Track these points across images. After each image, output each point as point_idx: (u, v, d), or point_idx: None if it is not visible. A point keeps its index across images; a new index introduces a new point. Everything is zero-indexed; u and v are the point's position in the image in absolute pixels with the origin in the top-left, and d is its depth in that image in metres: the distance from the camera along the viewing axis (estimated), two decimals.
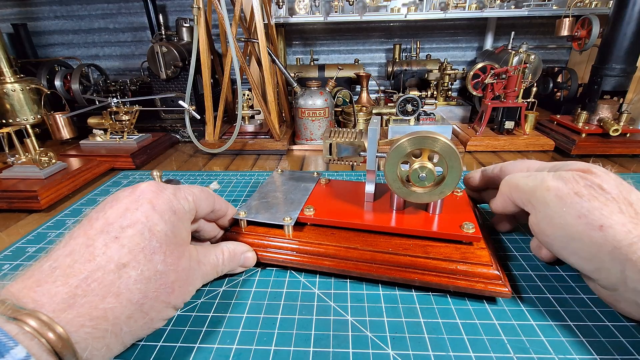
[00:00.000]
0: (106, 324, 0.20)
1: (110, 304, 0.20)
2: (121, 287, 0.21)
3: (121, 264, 0.21)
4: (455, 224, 0.34)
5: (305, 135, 0.76)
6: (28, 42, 1.07)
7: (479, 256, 0.32)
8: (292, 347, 0.27)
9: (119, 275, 0.21)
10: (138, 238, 0.22)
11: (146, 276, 0.22)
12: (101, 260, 0.21)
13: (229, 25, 0.62)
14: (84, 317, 0.19)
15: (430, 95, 0.91)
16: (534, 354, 0.26)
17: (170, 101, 0.90)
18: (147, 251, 0.22)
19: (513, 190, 0.33)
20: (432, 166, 0.32)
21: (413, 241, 0.34)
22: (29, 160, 0.55)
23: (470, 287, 0.30)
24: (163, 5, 1.10)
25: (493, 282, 0.30)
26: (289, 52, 1.16)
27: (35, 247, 0.42)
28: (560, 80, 0.90)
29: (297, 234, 0.37)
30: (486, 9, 0.94)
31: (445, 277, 0.31)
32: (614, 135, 0.64)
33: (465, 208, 0.37)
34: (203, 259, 0.29)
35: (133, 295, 0.21)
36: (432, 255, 0.32)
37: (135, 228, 0.23)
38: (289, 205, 0.39)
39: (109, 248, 0.21)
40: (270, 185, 0.44)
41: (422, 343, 0.27)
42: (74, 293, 0.19)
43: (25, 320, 0.17)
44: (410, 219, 0.35)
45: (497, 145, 0.71)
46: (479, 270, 0.31)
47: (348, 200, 0.39)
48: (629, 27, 0.62)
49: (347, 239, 0.35)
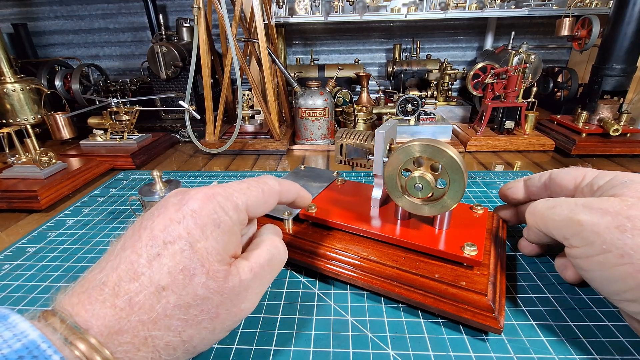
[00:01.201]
0: (146, 351, 0.19)
1: (150, 332, 0.19)
2: (159, 312, 0.20)
3: (160, 287, 0.20)
4: (457, 243, 0.31)
5: (305, 135, 0.76)
6: (28, 42, 1.08)
7: (474, 282, 0.29)
8: (292, 347, 0.27)
9: (158, 299, 0.20)
10: (179, 257, 0.20)
11: (186, 301, 0.20)
12: (143, 280, 0.20)
13: (229, 25, 0.62)
14: (127, 344, 0.19)
15: (431, 95, 0.91)
16: (534, 354, 0.26)
17: (171, 101, 0.90)
18: (186, 272, 0.20)
19: (540, 223, 0.29)
20: (432, 178, 0.30)
21: (406, 254, 0.32)
22: (29, 160, 0.55)
23: (457, 313, 0.28)
24: (163, 5, 1.10)
25: (483, 313, 0.27)
26: (289, 52, 1.16)
27: (35, 247, 0.42)
28: (560, 80, 0.90)
29: (296, 229, 0.37)
30: (486, 8, 0.94)
31: (431, 298, 0.29)
32: (614, 135, 0.64)
33: (479, 228, 0.33)
34: (255, 266, 0.23)
35: (171, 322, 0.20)
36: (421, 272, 0.30)
37: (177, 245, 0.21)
38: None
39: (151, 267, 0.20)
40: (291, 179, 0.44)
41: (422, 343, 0.27)
42: (120, 316, 0.19)
43: (77, 344, 0.17)
44: (411, 231, 0.33)
45: (497, 145, 0.71)
46: (471, 297, 0.28)
47: (355, 204, 0.38)
48: (629, 27, 0.62)
49: (341, 241, 0.35)
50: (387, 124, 0.34)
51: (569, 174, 0.31)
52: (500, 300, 0.28)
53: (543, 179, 0.33)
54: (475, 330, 0.28)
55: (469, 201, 0.49)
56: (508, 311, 0.30)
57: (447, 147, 0.29)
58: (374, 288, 0.31)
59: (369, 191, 0.40)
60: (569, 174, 0.31)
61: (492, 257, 0.32)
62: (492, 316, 0.27)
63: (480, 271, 0.30)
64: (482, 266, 0.30)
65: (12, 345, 0.15)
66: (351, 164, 0.38)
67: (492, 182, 0.55)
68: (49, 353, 0.16)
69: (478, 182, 0.55)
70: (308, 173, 0.47)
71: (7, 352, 0.15)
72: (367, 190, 0.41)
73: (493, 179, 0.56)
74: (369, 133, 0.36)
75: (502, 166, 0.64)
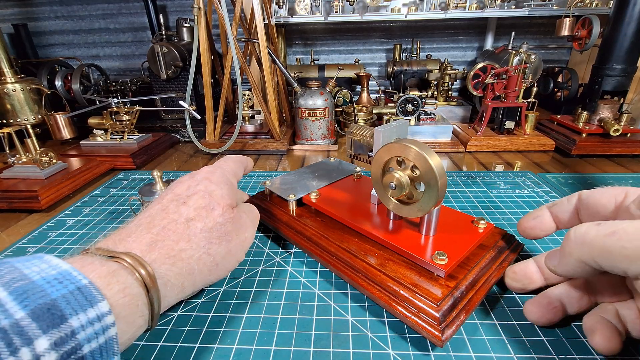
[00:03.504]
0: (181, 263, 0.25)
1: (183, 247, 0.25)
2: (190, 234, 0.26)
3: (189, 218, 0.26)
4: (432, 249, 0.30)
5: (305, 135, 0.76)
6: (28, 43, 1.08)
7: (429, 290, 0.28)
8: (293, 347, 0.27)
9: (188, 226, 0.26)
10: (200, 200, 0.28)
11: (209, 226, 0.27)
12: (174, 216, 0.26)
13: (229, 25, 0.62)
14: (164, 256, 0.24)
15: (431, 95, 0.91)
16: (534, 354, 0.26)
17: (171, 101, 0.90)
18: (208, 208, 0.27)
19: (598, 255, 0.22)
20: (408, 180, 0.29)
21: (381, 251, 0.32)
22: (30, 160, 0.55)
23: (404, 316, 0.27)
24: (163, 6, 1.11)
25: (430, 322, 0.26)
26: (289, 52, 1.16)
27: (35, 247, 0.42)
28: (560, 80, 0.90)
29: (299, 212, 0.41)
30: (486, 9, 0.94)
31: (386, 296, 0.29)
32: (615, 135, 0.64)
33: (467, 241, 0.31)
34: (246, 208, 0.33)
35: (200, 240, 0.26)
36: (385, 270, 0.30)
37: (198, 195, 0.28)
38: (305, 187, 0.42)
39: (179, 208, 0.27)
40: (315, 167, 0.49)
41: (423, 343, 0.27)
42: (155, 239, 0.24)
43: (123, 257, 0.21)
44: (392, 230, 0.33)
45: (497, 145, 0.71)
46: (421, 304, 0.27)
47: (358, 198, 0.40)
48: (629, 27, 0.62)
49: (328, 228, 0.37)
50: (392, 123, 0.34)
51: (605, 193, 0.27)
52: (459, 317, 0.27)
53: (573, 202, 0.29)
54: (475, 330, 0.28)
55: (469, 201, 0.49)
56: (508, 311, 0.30)
57: (427, 151, 0.27)
58: (344, 278, 0.33)
59: None
60: (606, 193, 0.27)
61: (472, 274, 0.30)
62: (435, 326, 0.26)
63: (445, 282, 0.28)
64: (451, 279, 0.29)
65: (48, 272, 0.18)
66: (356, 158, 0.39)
67: (492, 182, 0.55)
68: (78, 278, 0.18)
69: (478, 182, 0.55)
70: (332, 165, 0.50)
71: (44, 276, 0.18)
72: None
73: (493, 179, 0.56)
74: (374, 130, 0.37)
75: (502, 166, 0.64)
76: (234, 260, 0.29)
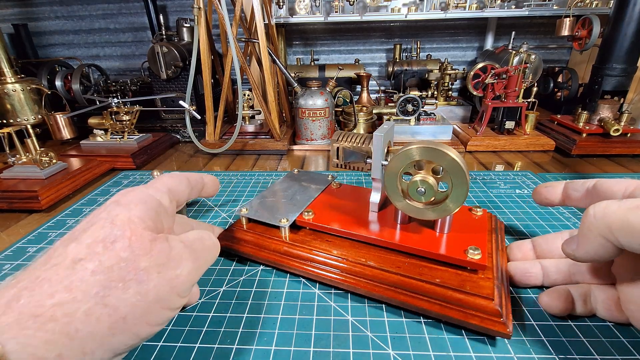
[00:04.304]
0: (54, 325, 0.17)
1: (60, 300, 0.17)
2: (74, 281, 0.18)
3: (77, 259, 0.19)
4: (460, 247, 0.30)
5: (305, 135, 0.76)
6: (29, 43, 1.08)
7: (480, 287, 0.28)
8: (293, 347, 0.27)
9: (74, 269, 0.18)
10: (98, 232, 0.20)
11: (106, 265, 0.19)
12: (57, 260, 0.19)
13: (229, 25, 0.62)
14: (26, 318, 0.16)
15: (431, 95, 0.91)
16: (534, 354, 0.26)
17: (171, 101, 0.90)
18: (107, 241, 0.20)
19: (619, 230, 0.22)
20: (434, 181, 0.30)
21: (409, 259, 0.32)
22: (30, 160, 0.55)
23: (464, 319, 0.27)
24: (163, 6, 1.10)
25: (491, 318, 0.26)
26: (290, 52, 1.16)
27: (35, 247, 0.42)
28: (560, 80, 0.90)
29: (293, 236, 0.36)
30: (486, 8, 0.94)
31: (437, 305, 0.28)
32: (615, 135, 0.64)
33: (480, 231, 0.33)
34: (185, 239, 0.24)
35: (90, 287, 0.18)
36: (426, 278, 0.29)
37: (97, 225, 0.21)
38: (291, 207, 0.38)
39: (66, 249, 0.20)
40: (282, 184, 0.44)
41: (423, 343, 0.27)
42: (18, 295, 0.17)
43: None
44: (412, 235, 0.33)
45: (497, 145, 0.71)
46: (478, 302, 0.27)
47: (353, 208, 0.38)
48: (629, 27, 0.62)
49: (342, 248, 0.34)
50: (384, 126, 0.34)
51: (619, 183, 0.27)
52: (507, 304, 0.28)
53: (587, 185, 0.30)
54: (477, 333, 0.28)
55: (469, 202, 0.49)
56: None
57: (448, 149, 0.28)
58: (375, 295, 0.30)
59: (367, 195, 0.39)
60: (620, 182, 0.27)
61: (494, 259, 0.31)
62: (501, 321, 0.26)
63: (485, 275, 0.29)
64: (487, 270, 0.30)
65: None
66: (349, 167, 0.37)
67: (493, 182, 0.55)
68: None
69: (478, 182, 0.55)
70: (302, 177, 0.46)
71: None
72: (365, 194, 0.40)
73: (493, 179, 0.56)
74: (366, 135, 0.36)
75: (503, 166, 0.64)
76: (156, 310, 0.20)
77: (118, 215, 0.21)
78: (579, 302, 0.28)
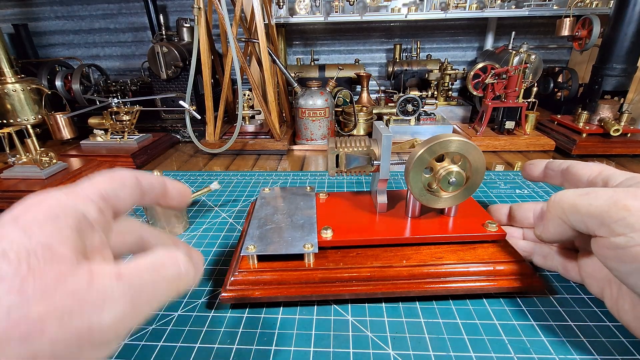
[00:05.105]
0: None
1: None
2: None
3: None
4: (477, 224, 0.34)
5: (305, 135, 0.76)
6: (29, 43, 1.08)
7: (511, 253, 0.32)
8: (292, 347, 0.27)
9: None
10: None
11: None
12: None
13: (229, 25, 0.62)
14: None
15: (431, 95, 0.91)
16: (535, 354, 0.26)
17: (171, 101, 0.90)
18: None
19: (570, 212, 0.26)
20: (458, 168, 0.32)
21: (441, 248, 0.33)
22: (30, 160, 0.55)
23: (511, 285, 0.30)
24: (163, 6, 1.10)
25: (533, 276, 0.30)
26: (290, 52, 1.16)
27: None
28: (560, 80, 0.90)
29: (318, 261, 0.32)
30: (486, 9, 0.94)
31: (484, 281, 0.31)
32: (615, 135, 0.64)
33: (476, 207, 0.37)
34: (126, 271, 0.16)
35: None
36: (466, 260, 0.32)
37: None
38: (301, 230, 0.34)
39: None
40: (266, 208, 0.38)
41: (423, 343, 0.27)
42: None
43: None
44: (431, 225, 0.34)
45: (497, 145, 0.71)
46: (515, 267, 0.31)
47: (359, 214, 0.37)
48: (629, 27, 0.62)
49: (377, 257, 0.32)
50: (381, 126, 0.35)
51: (586, 167, 0.30)
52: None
53: (562, 166, 0.32)
54: (475, 330, 0.28)
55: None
56: (509, 311, 0.30)
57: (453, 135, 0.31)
58: (428, 292, 0.31)
59: (361, 198, 0.39)
60: (587, 167, 0.30)
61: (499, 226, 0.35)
62: (537, 277, 0.30)
63: (504, 242, 0.33)
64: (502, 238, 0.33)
65: None
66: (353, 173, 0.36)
67: (493, 182, 0.55)
68: None
69: None
70: (281, 194, 0.42)
71: None
72: (359, 198, 0.40)
73: (493, 179, 0.56)
74: (366, 138, 0.36)
75: (503, 166, 0.64)
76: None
77: (13, 242, 0.14)
78: (539, 256, 0.34)
